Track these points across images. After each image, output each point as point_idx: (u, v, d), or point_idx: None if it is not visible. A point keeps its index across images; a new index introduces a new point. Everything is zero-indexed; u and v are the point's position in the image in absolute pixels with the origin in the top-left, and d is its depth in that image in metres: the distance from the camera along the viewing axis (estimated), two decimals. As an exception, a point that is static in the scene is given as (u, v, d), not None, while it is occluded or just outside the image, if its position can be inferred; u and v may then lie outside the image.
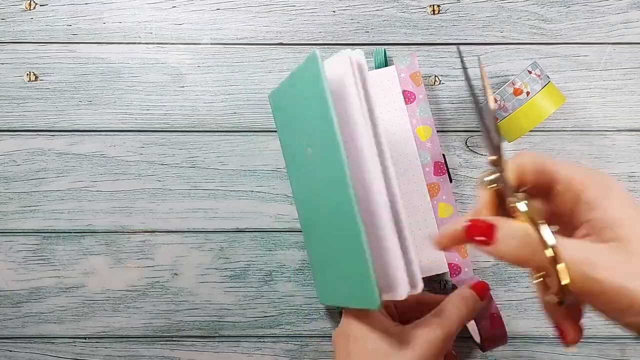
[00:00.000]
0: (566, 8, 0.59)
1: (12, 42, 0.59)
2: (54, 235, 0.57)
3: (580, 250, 0.32)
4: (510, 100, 0.53)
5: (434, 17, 0.59)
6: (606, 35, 0.59)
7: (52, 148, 0.58)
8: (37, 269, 0.57)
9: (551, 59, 0.59)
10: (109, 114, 0.58)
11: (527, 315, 0.57)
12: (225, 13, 0.59)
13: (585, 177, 0.34)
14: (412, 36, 0.59)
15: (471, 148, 0.58)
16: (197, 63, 0.59)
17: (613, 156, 0.58)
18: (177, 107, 0.58)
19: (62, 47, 0.59)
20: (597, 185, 0.34)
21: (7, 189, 0.57)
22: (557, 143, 0.58)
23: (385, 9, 0.59)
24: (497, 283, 0.57)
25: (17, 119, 0.58)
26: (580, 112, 0.58)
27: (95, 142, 0.58)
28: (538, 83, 0.53)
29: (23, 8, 0.59)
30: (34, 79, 0.58)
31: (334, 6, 0.59)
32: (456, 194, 0.57)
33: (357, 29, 0.59)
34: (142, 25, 0.59)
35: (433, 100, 0.58)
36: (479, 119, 0.35)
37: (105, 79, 0.58)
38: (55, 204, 0.57)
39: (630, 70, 0.59)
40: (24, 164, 0.58)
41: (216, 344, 0.56)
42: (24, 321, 0.57)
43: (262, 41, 0.59)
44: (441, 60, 0.59)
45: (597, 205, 0.33)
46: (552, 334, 0.56)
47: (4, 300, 0.57)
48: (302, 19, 0.59)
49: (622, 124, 0.58)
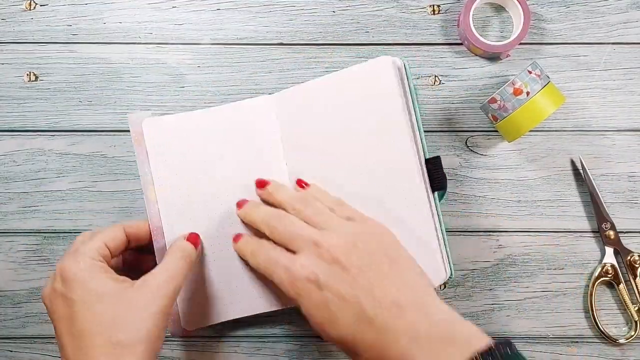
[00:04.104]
0: (566, 8, 0.59)
1: (12, 42, 0.59)
2: (54, 236, 0.57)
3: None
4: (510, 100, 0.53)
5: (434, 17, 0.59)
6: (606, 35, 0.59)
7: (52, 148, 0.58)
8: (37, 269, 0.57)
9: (551, 59, 0.59)
10: (109, 114, 0.58)
11: (527, 316, 0.57)
12: (225, 13, 0.59)
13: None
14: (412, 36, 0.59)
15: (471, 148, 0.58)
16: (197, 63, 0.59)
17: (613, 156, 0.58)
18: (177, 107, 0.58)
19: (62, 47, 0.59)
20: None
21: (7, 189, 0.57)
22: (557, 143, 0.58)
23: (385, 9, 0.59)
24: (497, 283, 0.57)
25: (17, 119, 0.58)
26: (580, 112, 0.58)
27: (96, 142, 0.58)
28: (538, 83, 0.53)
29: (23, 8, 0.59)
30: (34, 79, 0.58)
31: (334, 6, 0.59)
32: (456, 194, 0.57)
33: (357, 29, 0.59)
34: (142, 25, 0.59)
35: (433, 101, 0.58)
36: None
37: (105, 79, 0.58)
38: (56, 204, 0.57)
39: (630, 70, 0.59)
40: (24, 164, 0.58)
41: (216, 344, 0.56)
42: (24, 321, 0.57)
43: (262, 41, 0.59)
44: (441, 60, 0.59)
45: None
46: (551, 334, 0.57)
47: (4, 300, 0.57)
48: (302, 19, 0.59)
49: (622, 124, 0.58)
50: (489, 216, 0.57)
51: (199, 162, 0.53)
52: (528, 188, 0.58)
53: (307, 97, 0.53)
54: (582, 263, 0.57)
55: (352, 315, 0.42)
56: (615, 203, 0.57)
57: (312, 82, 0.53)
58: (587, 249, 0.57)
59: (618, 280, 0.56)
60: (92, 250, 0.46)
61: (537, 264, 0.57)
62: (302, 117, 0.53)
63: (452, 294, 0.57)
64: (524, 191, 0.58)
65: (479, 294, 0.57)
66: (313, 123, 0.52)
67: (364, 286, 0.43)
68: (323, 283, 0.43)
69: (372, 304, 0.42)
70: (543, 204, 0.58)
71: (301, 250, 0.46)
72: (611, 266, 0.56)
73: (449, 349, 0.40)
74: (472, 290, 0.57)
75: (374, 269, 0.44)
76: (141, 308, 0.44)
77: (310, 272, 0.44)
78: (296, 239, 0.46)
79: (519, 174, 0.58)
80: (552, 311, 0.57)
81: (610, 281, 0.56)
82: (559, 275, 0.57)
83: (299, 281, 0.44)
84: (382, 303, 0.42)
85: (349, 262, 0.44)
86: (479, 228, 0.57)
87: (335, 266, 0.44)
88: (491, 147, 0.58)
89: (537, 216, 0.57)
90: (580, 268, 0.57)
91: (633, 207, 0.57)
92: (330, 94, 0.52)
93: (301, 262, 0.45)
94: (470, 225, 0.57)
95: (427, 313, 0.42)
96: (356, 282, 0.43)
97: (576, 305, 0.57)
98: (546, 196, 0.58)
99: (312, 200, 0.49)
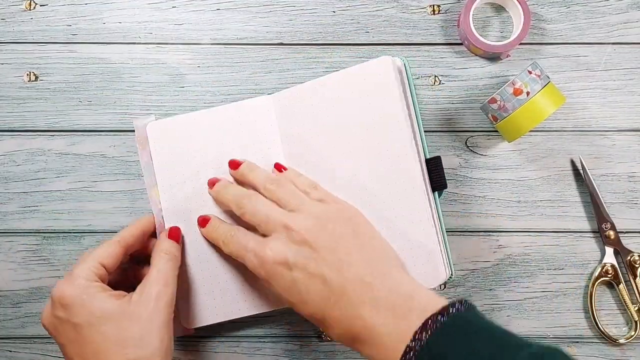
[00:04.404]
0: (566, 8, 0.59)
1: (12, 42, 0.59)
2: (54, 236, 0.57)
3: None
4: (510, 100, 0.53)
5: (434, 17, 0.59)
6: (606, 36, 0.59)
7: (52, 148, 0.58)
8: (37, 269, 0.57)
9: (551, 59, 0.59)
10: (109, 114, 0.58)
11: (528, 316, 0.57)
12: (225, 13, 0.59)
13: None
14: (412, 36, 0.59)
15: (471, 148, 0.58)
16: (197, 63, 0.59)
17: (613, 156, 0.58)
18: (177, 107, 0.58)
19: (62, 47, 0.59)
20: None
21: (7, 189, 0.57)
22: (557, 143, 0.58)
23: (385, 9, 0.59)
24: (497, 283, 0.57)
25: (17, 119, 0.58)
26: (580, 112, 0.58)
27: (95, 142, 0.58)
28: (538, 83, 0.53)
29: (23, 8, 0.59)
30: (34, 79, 0.58)
31: (334, 6, 0.59)
32: (456, 194, 0.57)
33: (357, 29, 0.59)
34: (142, 25, 0.59)
35: (433, 101, 0.58)
36: None
37: (105, 79, 0.58)
38: (55, 204, 0.57)
39: (631, 71, 0.58)
40: (24, 164, 0.58)
41: (216, 344, 0.56)
42: (23, 321, 0.57)
43: (262, 41, 0.59)
44: (441, 60, 0.59)
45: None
46: (552, 334, 0.57)
47: (4, 300, 0.57)
48: (302, 19, 0.59)
49: (622, 124, 0.58)
50: (488, 216, 0.57)
51: (201, 162, 0.53)
52: (528, 188, 0.58)
53: (307, 97, 0.53)
54: (582, 263, 0.57)
55: (319, 291, 0.44)
56: (615, 203, 0.57)
57: (312, 82, 0.53)
58: (587, 249, 0.57)
59: (618, 280, 0.56)
60: (86, 271, 0.46)
61: (537, 264, 0.57)
62: (302, 117, 0.53)
63: (452, 294, 0.57)
64: (524, 191, 0.58)
65: (479, 294, 0.57)
66: (313, 123, 0.52)
67: (331, 264, 0.44)
68: (292, 264, 0.45)
69: (338, 280, 0.44)
70: (543, 204, 0.58)
71: (271, 232, 0.47)
72: (611, 266, 0.56)
73: (408, 316, 0.42)
74: (472, 290, 0.57)
75: (341, 249, 0.45)
76: (147, 321, 0.45)
77: (280, 255, 0.45)
78: (266, 221, 0.47)
79: (519, 174, 0.58)
80: (552, 311, 0.57)
81: (610, 281, 0.56)
82: (559, 275, 0.57)
83: (269, 264, 0.45)
84: (348, 279, 0.44)
85: (317, 243, 0.45)
86: (479, 228, 0.57)
87: (304, 247, 0.45)
88: (491, 147, 0.58)
89: (537, 216, 0.57)
90: (580, 268, 0.57)
91: (633, 207, 0.57)
92: (331, 94, 0.52)
93: (270, 245, 0.46)
94: (470, 225, 0.57)
95: (389, 286, 0.44)
96: (324, 261, 0.44)
97: (576, 306, 0.57)
98: (546, 196, 0.58)
99: (285, 182, 0.50)
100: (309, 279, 0.44)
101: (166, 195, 0.54)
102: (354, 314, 0.43)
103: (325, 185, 0.51)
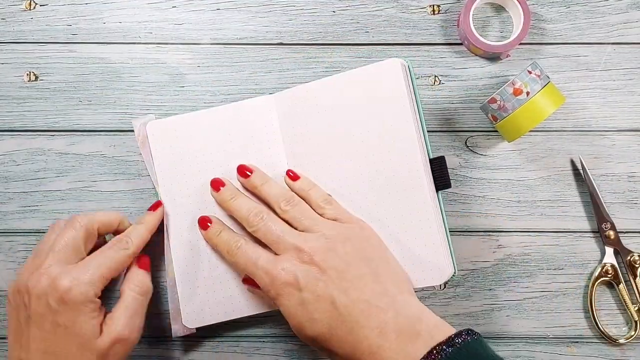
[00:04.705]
0: (566, 8, 0.59)
1: (12, 42, 0.59)
2: (54, 235, 0.57)
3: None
4: (510, 100, 0.53)
5: (434, 17, 0.59)
6: (606, 36, 0.59)
7: (52, 148, 0.58)
8: (37, 269, 0.57)
9: (551, 59, 0.59)
10: (109, 114, 0.58)
11: (527, 316, 0.57)
12: (225, 13, 0.59)
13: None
14: (412, 36, 0.59)
15: (471, 148, 0.58)
16: (197, 63, 0.59)
17: (613, 156, 0.58)
18: (177, 107, 0.58)
19: (62, 47, 0.59)
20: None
21: (7, 189, 0.57)
22: (557, 143, 0.58)
23: (385, 9, 0.59)
24: (497, 283, 0.57)
25: (17, 119, 0.58)
26: (580, 112, 0.58)
27: (95, 142, 0.58)
28: (538, 83, 0.53)
29: (23, 8, 0.59)
30: (34, 79, 0.58)
31: (334, 6, 0.59)
32: (456, 194, 0.57)
33: (357, 29, 0.59)
34: (142, 25, 0.59)
35: (433, 101, 0.58)
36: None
37: (105, 79, 0.58)
38: (55, 204, 0.57)
39: (631, 71, 0.58)
40: (24, 164, 0.58)
41: (216, 344, 0.56)
42: (23, 321, 0.57)
43: (262, 41, 0.59)
44: (441, 60, 0.59)
45: None
46: (551, 334, 0.56)
47: (3, 300, 0.57)
48: (302, 19, 0.59)
49: (622, 124, 0.58)
50: (488, 216, 0.57)
51: (201, 162, 0.53)
52: (528, 188, 0.58)
53: (310, 97, 0.53)
54: (582, 263, 0.57)
55: (327, 313, 0.45)
56: (615, 203, 0.57)
57: (318, 82, 0.53)
58: (587, 249, 0.57)
59: (618, 280, 0.56)
60: (98, 283, 0.47)
61: (536, 264, 0.57)
62: (304, 117, 0.53)
63: (452, 294, 0.57)
64: (524, 191, 0.58)
65: (478, 294, 0.57)
66: (316, 123, 0.52)
67: (339, 286, 0.45)
68: (302, 285, 0.45)
69: (345, 303, 0.44)
70: (543, 204, 0.58)
71: (282, 253, 0.47)
72: (611, 266, 0.56)
73: (414, 342, 0.42)
74: (472, 290, 0.57)
75: (351, 271, 0.46)
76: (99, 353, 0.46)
77: (291, 276, 0.46)
78: (277, 242, 0.48)
79: (519, 174, 0.58)
80: (552, 311, 0.57)
81: (610, 281, 0.56)
82: (558, 275, 0.57)
83: (279, 284, 0.46)
84: (355, 302, 0.44)
85: (327, 265, 0.46)
86: (478, 228, 0.57)
87: (314, 268, 0.46)
88: (491, 147, 0.58)
89: (537, 216, 0.57)
90: (580, 268, 0.57)
91: (633, 207, 0.57)
92: (335, 94, 0.52)
93: (282, 266, 0.46)
94: (470, 225, 0.57)
95: (397, 310, 0.45)
96: (333, 283, 0.45)
97: (576, 305, 0.57)
98: (546, 196, 0.58)
99: (299, 201, 0.50)
100: (316, 300, 0.45)
101: (167, 195, 0.54)
102: (360, 336, 0.44)
103: (329, 185, 0.52)
